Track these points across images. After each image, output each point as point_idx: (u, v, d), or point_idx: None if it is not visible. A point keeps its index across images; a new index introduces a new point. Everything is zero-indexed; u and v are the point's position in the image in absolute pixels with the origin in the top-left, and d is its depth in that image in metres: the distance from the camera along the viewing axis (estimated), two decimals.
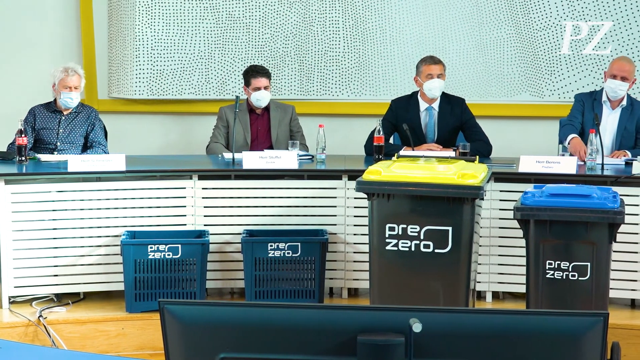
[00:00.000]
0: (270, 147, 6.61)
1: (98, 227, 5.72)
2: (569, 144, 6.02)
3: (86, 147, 6.40)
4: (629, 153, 6.05)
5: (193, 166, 6.02)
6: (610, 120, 6.25)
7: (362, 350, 2.22)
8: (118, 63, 7.63)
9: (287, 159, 5.90)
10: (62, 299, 5.75)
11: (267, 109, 6.73)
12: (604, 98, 6.26)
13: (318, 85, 7.57)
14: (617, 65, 6.22)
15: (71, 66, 6.36)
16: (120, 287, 5.64)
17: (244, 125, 6.66)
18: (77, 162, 5.69)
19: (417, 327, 2.18)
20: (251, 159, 5.87)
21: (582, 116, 6.28)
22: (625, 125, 6.24)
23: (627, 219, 4.97)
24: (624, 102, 6.26)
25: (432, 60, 6.40)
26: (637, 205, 5.54)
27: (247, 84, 6.66)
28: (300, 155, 6.13)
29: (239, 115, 6.45)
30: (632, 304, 5.72)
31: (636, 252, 5.57)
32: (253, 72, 6.64)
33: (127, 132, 7.66)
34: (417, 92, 6.53)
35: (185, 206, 5.82)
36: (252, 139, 6.67)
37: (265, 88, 6.59)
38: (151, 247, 5.53)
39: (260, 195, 5.85)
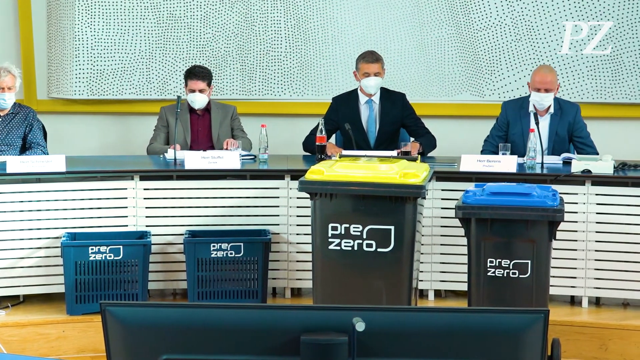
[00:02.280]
0: (212, 148, 6.58)
1: (38, 229, 5.65)
2: None
3: (25, 149, 6.32)
4: None
5: (134, 167, 5.97)
6: (540, 127, 6.31)
7: (305, 349, 2.22)
8: (57, 63, 7.55)
9: (229, 159, 5.88)
10: (1, 302, 5.67)
11: (207, 109, 6.70)
12: (531, 107, 6.30)
13: (260, 85, 7.56)
14: (538, 78, 6.21)
15: (4, 66, 6.26)
16: (61, 289, 5.58)
17: (185, 126, 6.63)
18: (16, 163, 5.61)
19: (360, 326, 2.19)
20: (193, 159, 5.84)
21: (506, 126, 6.33)
22: (556, 130, 6.29)
23: (566, 216, 5.03)
24: (552, 109, 6.31)
25: (370, 58, 6.45)
26: (576, 203, 5.61)
27: (185, 84, 6.65)
28: (242, 155, 6.11)
29: (179, 116, 6.42)
30: (572, 300, 5.80)
31: (575, 250, 5.64)
32: (189, 74, 6.61)
33: (67, 133, 7.58)
34: (357, 87, 6.57)
35: (126, 207, 5.77)
36: (193, 140, 6.64)
37: (201, 91, 6.55)
38: (92, 249, 5.48)
39: (202, 196, 5.83)
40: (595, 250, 5.63)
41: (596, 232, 5.61)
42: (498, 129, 6.39)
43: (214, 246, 5.61)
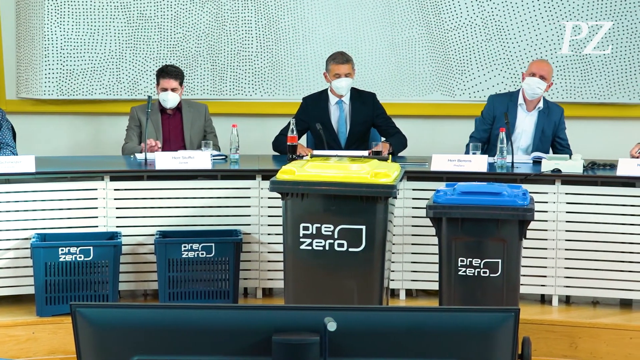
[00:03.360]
0: (184, 148, 6.56)
1: (7, 230, 5.61)
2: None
3: None
4: None
5: (104, 167, 5.94)
6: (527, 122, 6.34)
7: (277, 350, 2.22)
8: (27, 63, 7.50)
9: (200, 159, 5.86)
10: None
11: (179, 109, 6.67)
12: (520, 100, 6.35)
13: (231, 85, 7.54)
14: (536, 64, 6.36)
15: None
16: (31, 290, 5.55)
17: (156, 126, 6.60)
18: None
19: (331, 326, 2.19)
20: (164, 160, 5.82)
21: (492, 121, 6.36)
22: (543, 127, 6.33)
23: (536, 215, 5.06)
24: (541, 105, 6.36)
25: (340, 59, 6.46)
26: (546, 202, 5.64)
27: (157, 83, 6.63)
28: (213, 156, 6.10)
29: (150, 116, 6.39)
30: (542, 299, 5.83)
31: (545, 249, 5.68)
32: (162, 72, 6.59)
33: (37, 133, 7.53)
34: (327, 88, 6.58)
35: (97, 208, 5.74)
36: (165, 140, 6.61)
37: (174, 90, 6.53)
38: (62, 250, 5.45)
39: (173, 196, 5.81)
40: (565, 249, 5.66)
41: (566, 231, 5.65)
42: (484, 123, 6.39)
43: (185, 246, 5.60)
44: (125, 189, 5.78)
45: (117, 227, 5.74)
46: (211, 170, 5.91)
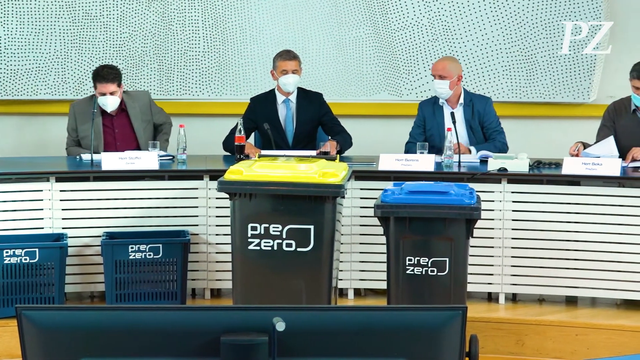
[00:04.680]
0: (137, 147, 6.41)
1: None
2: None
3: None
4: None
5: (50, 168, 5.89)
6: (456, 119, 6.39)
7: (225, 350, 2.21)
8: None
9: (147, 159, 5.83)
10: None
11: (123, 108, 6.54)
12: (442, 100, 6.41)
13: (178, 85, 7.51)
14: (433, 66, 6.42)
15: None
16: None
17: (97, 129, 6.38)
18: None
19: (280, 326, 2.19)
20: (110, 160, 5.77)
21: (423, 125, 6.41)
22: (469, 120, 6.38)
23: (483, 214, 5.10)
24: (462, 100, 6.41)
25: (287, 55, 6.47)
26: (493, 201, 5.69)
27: (94, 86, 6.41)
28: (160, 156, 6.06)
29: (93, 117, 6.24)
30: (489, 297, 5.87)
31: (492, 247, 5.72)
32: (97, 77, 6.33)
33: None
34: (274, 87, 6.58)
35: (42, 209, 5.68)
36: (109, 142, 6.43)
37: (112, 93, 6.32)
38: (7, 252, 5.39)
39: (120, 197, 5.77)
40: (512, 247, 5.71)
41: (512, 229, 5.70)
42: (416, 128, 6.46)
43: (132, 248, 5.56)
44: (71, 190, 5.73)
45: (63, 228, 5.69)
46: (158, 171, 5.87)
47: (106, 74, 6.32)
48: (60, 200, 5.70)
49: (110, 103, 6.37)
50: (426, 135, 6.39)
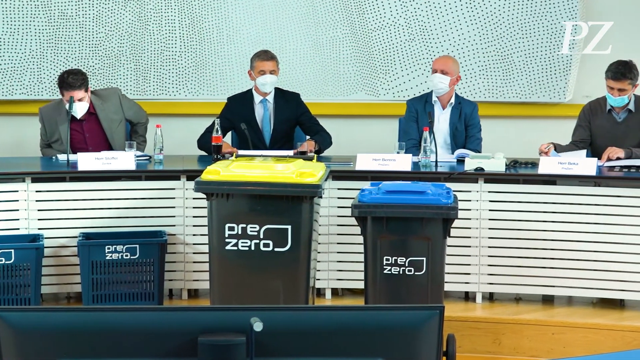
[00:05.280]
0: (110, 149, 6.38)
1: None
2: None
3: None
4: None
5: (26, 168, 5.86)
6: (442, 120, 6.40)
7: (203, 351, 2.21)
8: None
9: (124, 159, 5.81)
10: None
11: (92, 113, 6.38)
12: (434, 98, 6.42)
13: (155, 85, 7.49)
14: (437, 60, 6.46)
15: None
16: None
17: (66, 134, 6.28)
18: None
19: (257, 326, 2.19)
20: (87, 161, 5.75)
21: (416, 124, 6.41)
22: (456, 124, 6.40)
23: (460, 214, 5.11)
24: (452, 101, 6.43)
25: (265, 56, 6.46)
26: (470, 200, 5.71)
27: (61, 93, 6.26)
28: (137, 156, 6.04)
29: (62, 122, 6.16)
30: (466, 296, 5.89)
31: (469, 247, 5.74)
32: (63, 84, 6.16)
33: None
34: (252, 87, 6.57)
35: (18, 210, 5.65)
36: (80, 147, 6.32)
37: (80, 99, 6.18)
38: None
39: (96, 197, 5.75)
40: (489, 247, 5.73)
41: (489, 228, 5.72)
42: (412, 123, 6.40)
43: (108, 248, 5.54)
44: (47, 191, 5.70)
45: (39, 229, 5.66)
46: (135, 171, 5.85)
47: (72, 82, 6.15)
48: (36, 200, 5.68)
49: (78, 110, 6.22)
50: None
